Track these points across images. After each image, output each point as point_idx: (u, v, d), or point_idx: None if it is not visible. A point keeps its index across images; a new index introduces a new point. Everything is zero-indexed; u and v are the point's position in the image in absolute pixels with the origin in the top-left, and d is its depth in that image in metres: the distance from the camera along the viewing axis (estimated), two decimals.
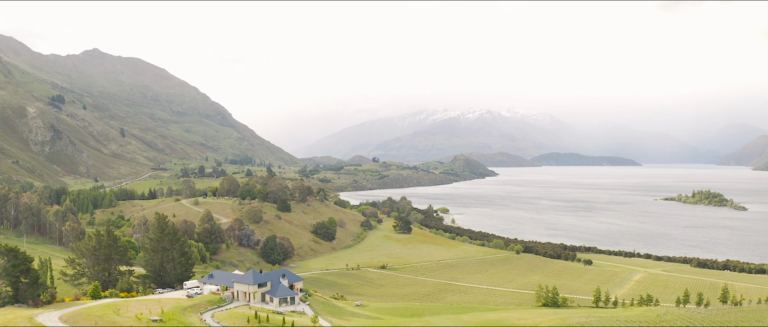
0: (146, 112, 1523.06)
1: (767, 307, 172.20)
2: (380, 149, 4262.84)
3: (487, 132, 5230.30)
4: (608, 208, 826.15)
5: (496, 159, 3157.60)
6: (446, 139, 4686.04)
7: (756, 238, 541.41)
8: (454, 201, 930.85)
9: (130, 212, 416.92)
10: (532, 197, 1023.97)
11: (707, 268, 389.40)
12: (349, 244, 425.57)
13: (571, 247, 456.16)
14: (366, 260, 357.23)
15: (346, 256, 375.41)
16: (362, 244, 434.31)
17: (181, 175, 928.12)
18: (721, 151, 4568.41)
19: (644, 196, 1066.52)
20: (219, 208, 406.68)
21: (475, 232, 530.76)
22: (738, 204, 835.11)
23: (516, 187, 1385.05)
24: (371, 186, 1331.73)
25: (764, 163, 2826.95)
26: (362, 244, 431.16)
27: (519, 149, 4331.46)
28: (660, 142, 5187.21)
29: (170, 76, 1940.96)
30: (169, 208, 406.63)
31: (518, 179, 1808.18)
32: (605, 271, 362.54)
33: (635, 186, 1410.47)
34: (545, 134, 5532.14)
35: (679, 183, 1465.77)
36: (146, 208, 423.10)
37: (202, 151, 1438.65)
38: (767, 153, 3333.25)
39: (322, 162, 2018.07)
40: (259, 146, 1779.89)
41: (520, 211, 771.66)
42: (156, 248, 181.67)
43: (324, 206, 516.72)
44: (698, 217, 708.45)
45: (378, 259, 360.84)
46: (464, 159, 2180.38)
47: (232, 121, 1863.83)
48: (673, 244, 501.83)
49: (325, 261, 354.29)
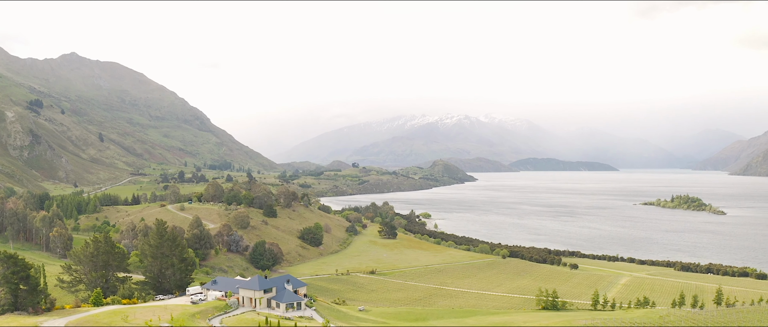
0: (124, 116, 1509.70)
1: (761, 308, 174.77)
2: (358, 154, 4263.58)
3: (465, 137, 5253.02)
4: (589, 213, 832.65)
5: (475, 164, 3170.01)
6: (424, 144, 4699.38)
7: (736, 241, 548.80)
8: (436, 206, 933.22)
9: (115, 218, 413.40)
10: (514, 202, 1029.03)
11: (691, 271, 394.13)
12: (335, 249, 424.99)
13: (556, 252, 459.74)
14: (354, 265, 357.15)
15: (335, 261, 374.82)
16: (349, 249, 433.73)
17: (160, 180, 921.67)
18: (698, 156, 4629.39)
19: (624, 200, 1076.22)
20: (205, 214, 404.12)
21: (460, 237, 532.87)
22: (717, 208, 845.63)
23: (496, 192, 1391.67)
24: (351, 191, 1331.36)
25: (740, 167, 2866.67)
26: (349, 250, 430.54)
27: (497, 154, 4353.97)
28: (637, 148, 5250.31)
29: (148, 81, 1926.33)
30: (155, 214, 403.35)
31: (498, 184, 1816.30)
32: (592, 275, 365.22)
33: (614, 191, 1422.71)
34: (523, 140, 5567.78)
35: (658, 188, 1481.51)
36: (131, 214, 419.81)
37: (180, 156, 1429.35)
38: (743, 158, 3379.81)
39: (300, 167, 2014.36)
40: (237, 151, 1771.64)
41: (502, 216, 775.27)
42: (155, 254, 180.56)
43: (309, 211, 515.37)
44: (678, 222, 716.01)
45: (366, 265, 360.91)
46: (443, 164, 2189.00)
47: (211, 126, 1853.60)
48: (655, 248, 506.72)
49: (314, 266, 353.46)
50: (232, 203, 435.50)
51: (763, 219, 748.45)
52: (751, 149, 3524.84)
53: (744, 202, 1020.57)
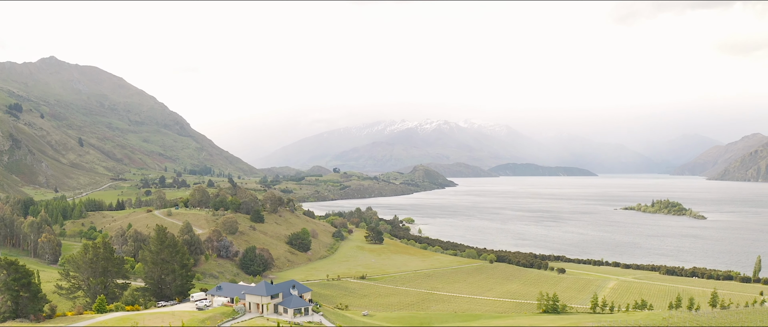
0: (104, 121, 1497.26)
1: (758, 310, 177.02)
2: (338, 159, 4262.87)
3: (445, 143, 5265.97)
4: (572, 217, 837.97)
5: (454, 169, 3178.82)
6: (404, 149, 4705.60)
7: (719, 246, 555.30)
8: (418, 211, 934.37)
9: (101, 223, 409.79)
10: (496, 207, 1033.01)
11: (675, 275, 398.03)
12: (323, 254, 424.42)
13: (541, 256, 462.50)
14: (344, 271, 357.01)
15: (324, 266, 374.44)
16: (336, 254, 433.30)
17: (141, 185, 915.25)
18: (675, 162, 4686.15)
19: (604, 205, 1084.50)
20: (193, 219, 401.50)
21: (445, 242, 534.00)
22: (697, 213, 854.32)
23: (478, 197, 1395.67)
24: (333, 196, 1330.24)
25: (718, 172, 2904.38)
26: (337, 255, 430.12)
27: (476, 160, 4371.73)
28: (615, 153, 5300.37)
29: (128, 85, 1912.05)
30: (142, 220, 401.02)
31: (478, 189, 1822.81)
32: (579, 279, 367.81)
33: (595, 196, 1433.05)
34: (502, 145, 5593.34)
35: (638, 192, 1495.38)
36: (117, 220, 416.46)
37: (160, 161, 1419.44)
38: (720, 163, 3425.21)
39: (281, 172, 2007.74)
40: (217, 156, 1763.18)
41: (485, 222, 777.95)
42: (156, 260, 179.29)
43: (295, 217, 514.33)
44: (660, 226, 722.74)
45: (356, 270, 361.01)
46: (424, 169, 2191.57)
47: (191, 131, 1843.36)
48: (639, 253, 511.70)
49: (304, 272, 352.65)
50: (219, 208, 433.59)
51: (743, 223, 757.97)
52: (728, 154, 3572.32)
53: (723, 207, 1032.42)
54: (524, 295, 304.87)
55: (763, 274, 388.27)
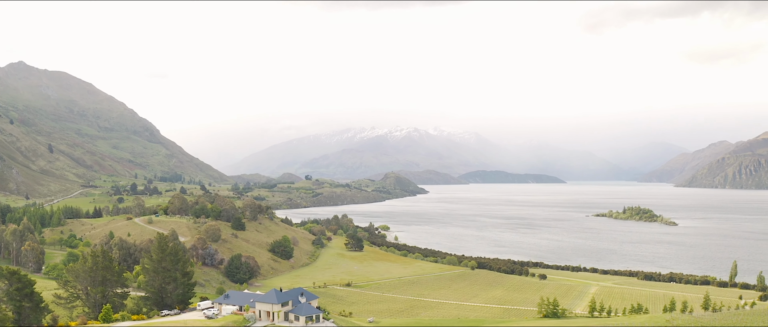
0: (73, 127, 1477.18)
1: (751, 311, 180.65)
2: (308, 167, 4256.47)
3: (415, 150, 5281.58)
4: (547, 224, 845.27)
5: (425, 176, 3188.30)
6: (374, 156, 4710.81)
7: (692, 252, 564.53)
8: (393, 219, 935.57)
9: (80, 231, 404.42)
10: (471, 215, 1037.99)
11: (654, 280, 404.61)
12: (306, 262, 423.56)
13: (521, 263, 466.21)
14: (328, 278, 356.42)
15: (308, 274, 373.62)
16: (318, 262, 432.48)
17: (112, 192, 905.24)
18: (643, 169, 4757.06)
19: (576, 212, 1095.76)
20: (175, 227, 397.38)
21: (423, 249, 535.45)
22: (668, 220, 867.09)
23: (451, 204, 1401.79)
24: (306, 204, 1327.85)
25: (686, 179, 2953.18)
26: (318, 263, 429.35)
27: (446, 167, 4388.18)
28: (583, 160, 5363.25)
29: (97, 91, 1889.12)
30: (122, 227, 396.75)
31: (450, 197, 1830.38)
32: (562, 285, 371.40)
33: (566, 203, 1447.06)
34: (471, 152, 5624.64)
35: (608, 199, 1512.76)
36: (97, 227, 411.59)
37: (130, 167, 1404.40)
38: (687, 170, 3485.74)
39: (251, 179, 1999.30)
40: (187, 163, 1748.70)
41: (461, 229, 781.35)
42: (157, 269, 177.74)
43: (274, 224, 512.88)
44: (633, 233, 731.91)
45: (340, 277, 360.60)
46: (395, 176, 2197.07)
47: (160, 138, 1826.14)
48: (615, 259, 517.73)
49: (288, 279, 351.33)
50: (200, 216, 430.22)
51: (714, 229, 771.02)
52: (696, 162, 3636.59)
53: (693, 214, 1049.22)
54: (510, 301, 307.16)
55: (739, 278, 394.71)
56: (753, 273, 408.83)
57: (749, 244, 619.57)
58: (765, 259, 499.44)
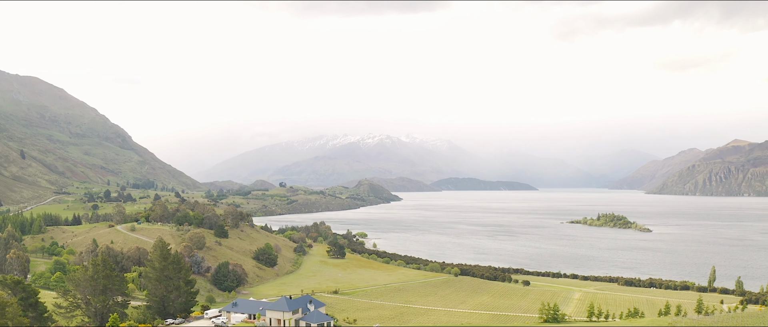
0: (45, 133, 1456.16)
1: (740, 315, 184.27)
2: (280, 174, 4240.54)
3: (387, 157, 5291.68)
4: (524, 231, 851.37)
5: (397, 184, 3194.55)
6: (347, 163, 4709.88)
7: (669, 257, 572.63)
8: (370, 226, 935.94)
9: (62, 239, 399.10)
10: (449, 222, 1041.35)
11: (634, 286, 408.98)
12: (289, 269, 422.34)
13: (502, 269, 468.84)
14: (314, 285, 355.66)
15: (293, 281, 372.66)
16: (302, 269, 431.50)
17: (86, 199, 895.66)
18: (613, 176, 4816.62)
19: (551, 219, 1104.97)
20: (158, 235, 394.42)
21: (404, 257, 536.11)
22: (642, 226, 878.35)
23: (427, 211, 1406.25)
24: (280, 211, 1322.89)
25: (656, 186, 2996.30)
26: (302, 270, 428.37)
27: (418, 174, 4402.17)
28: (555, 168, 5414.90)
29: (69, 97, 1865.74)
30: (105, 235, 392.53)
31: (425, 204, 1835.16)
32: (546, 291, 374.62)
33: (540, 210, 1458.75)
34: (444, 160, 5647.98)
35: (582, 206, 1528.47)
36: (78, 235, 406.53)
37: (103, 174, 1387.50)
38: (658, 177, 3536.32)
39: (224, 186, 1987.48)
40: (160, 170, 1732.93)
41: (440, 236, 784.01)
42: (160, 277, 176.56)
43: (255, 232, 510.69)
44: (610, 239, 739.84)
45: (326, 285, 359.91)
46: (369, 184, 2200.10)
47: (133, 144, 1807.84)
48: (594, 265, 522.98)
49: (275, 287, 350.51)
50: (183, 224, 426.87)
51: (688, 235, 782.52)
52: (666, 169, 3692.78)
53: (666, 220, 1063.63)
54: (498, 307, 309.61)
55: (717, 283, 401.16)
56: (730, 278, 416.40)
57: (724, 249, 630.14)
58: (741, 265, 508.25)
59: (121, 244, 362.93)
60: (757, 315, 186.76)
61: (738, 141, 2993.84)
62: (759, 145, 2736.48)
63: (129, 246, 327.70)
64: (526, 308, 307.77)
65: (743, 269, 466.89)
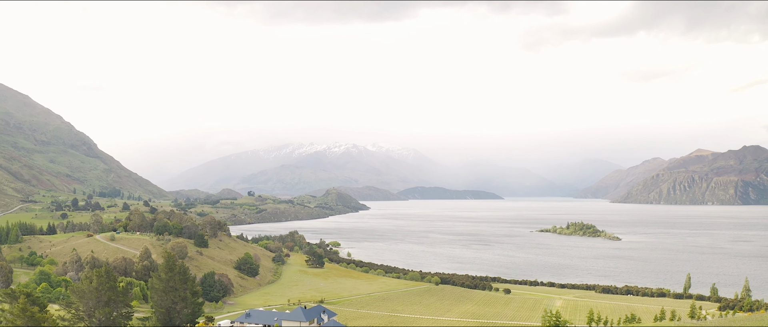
0: (9, 140, 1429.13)
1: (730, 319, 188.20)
2: (246, 182, 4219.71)
3: (353, 166, 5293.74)
4: (496, 240, 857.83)
5: (364, 192, 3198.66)
6: (313, 172, 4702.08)
7: (642, 265, 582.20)
8: (342, 235, 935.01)
9: (40, 249, 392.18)
10: (421, 231, 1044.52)
11: (612, 293, 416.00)
12: (271, 279, 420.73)
13: (480, 278, 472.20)
14: (298, 295, 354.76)
15: (277, 291, 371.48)
16: (283, 279, 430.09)
17: (53, 208, 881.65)
18: (578, 185, 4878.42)
19: (521, 228, 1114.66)
20: (139, 245, 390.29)
21: (379, 265, 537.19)
22: (612, 235, 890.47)
23: (397, 220, 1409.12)
24: (250, 220, 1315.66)
25: (621, 195, 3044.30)
26: (283, 280, 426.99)
27: (385, 183, 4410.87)
28: (520, 177, 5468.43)
29: (34, 103, 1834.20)
30: (85, 244, 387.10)
31: (394, 213, 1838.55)
32: (527, 299, 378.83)
33: (509, 219, 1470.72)
34: (410, 169, 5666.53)
35: (550, 215, 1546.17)
36: (57, 245, 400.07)
37: (69, 182, 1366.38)
38: (622, 186, 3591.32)
39: (190, 195, 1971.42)
40: (126, 178, 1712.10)
41: (414, 245, 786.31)
42: (166, 288, 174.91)
43: (233, 241, 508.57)
44: (581, 248, 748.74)
45: (311, 294, 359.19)
46: (337, 193, 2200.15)
47: (98, 152, 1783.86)
48: (569, 273, 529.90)
49: (259, 297, 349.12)
50: (163, 233, 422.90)
51: (657, 244, 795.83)
52: (630, 178, 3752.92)
53: (634, 229, 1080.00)
54: (483, 316, 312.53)
55: (692, 290, 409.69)
56: (703, 285, 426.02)
57: (695, 257, 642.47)
58: (713, 272, 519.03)
59: (101, 254, 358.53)
60: (750, 319, 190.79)
61: (701, 150, 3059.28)
62: (722, 155, 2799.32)
63: (114, 256, 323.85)
64: (511, 316, 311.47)
65: (716, 276, 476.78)
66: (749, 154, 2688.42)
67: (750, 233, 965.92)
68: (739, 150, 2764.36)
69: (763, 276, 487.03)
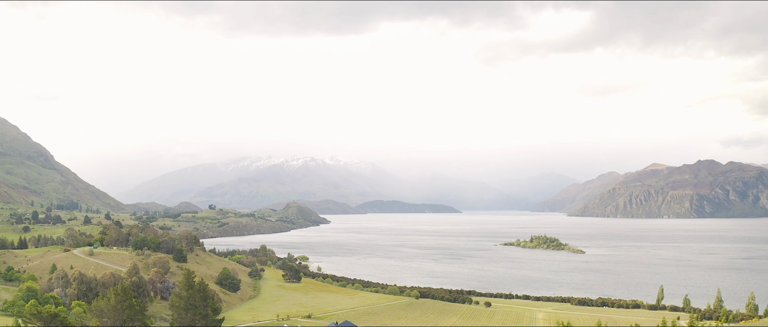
0: None
1: None
2: (203, 195, 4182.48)
3: (311, 180, 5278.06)
4: (466, 254, 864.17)
5: (323, 206, 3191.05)
6: (271, 186, 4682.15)
7: (610, 278, 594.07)
8: (309, 249, 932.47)
9: (16, 263, 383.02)
10: (390, 245, 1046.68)
11: (587, 305, 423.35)
12: (251, 294, 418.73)
13: (457, 292, 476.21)
14: (283, 310, 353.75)
15: (262, 306, 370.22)
16: (263, 294, 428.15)
17: (13, 220, 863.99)
18: (534, 199, 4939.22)
19: (485, 241, 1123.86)
20: (119, 260, 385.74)
21: (351, 279, 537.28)
22: (575, 248, 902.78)
23: (361, 234, 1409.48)
24: (212, 234, 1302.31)
25: (578, 209, 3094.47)
26: (264, 295, 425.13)
27: (343, 196, 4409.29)
28: (477, 190, 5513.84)
29: None
30: (63, 259, 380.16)
31: (356, 226, 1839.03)
32: (509, 312, 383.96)
33: (473, 232, 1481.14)
34: (368, 182, 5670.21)
35: (512, 229, 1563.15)
36: (33, 260, 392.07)
37: (26, 194, 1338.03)
38: (578, 200, 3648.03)
39: (148, 208, 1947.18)
40: (83, 191, 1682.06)
41: (384, 259, 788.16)
42: (187, 306, 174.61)
43: (209, 256, 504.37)
44: (548, 261, 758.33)
45: (296, 309, 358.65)
46: (297, 206, 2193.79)
47: (55, 164, 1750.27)
48: (540, 286, 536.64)
49: (243, 312, 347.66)
50: (142, 248, 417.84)
51: (622, 257, 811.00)
52: (586, 192, 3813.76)
53: (597, 242, 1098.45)
54: None
55: (665, 302, 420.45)
56: (675, 296, 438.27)
57: (663, 269, 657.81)
58: (682, 283, 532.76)
59: (82, 269, 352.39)
60: None
61: (656, 165, 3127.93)
62: (677, 169, 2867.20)
63: (100, 272, 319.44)
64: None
65: (686, 288, 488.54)
66: (704, 168, 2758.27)
67: (713, 246, 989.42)
68: (694, 164, 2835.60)
69: (731, 287, 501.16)
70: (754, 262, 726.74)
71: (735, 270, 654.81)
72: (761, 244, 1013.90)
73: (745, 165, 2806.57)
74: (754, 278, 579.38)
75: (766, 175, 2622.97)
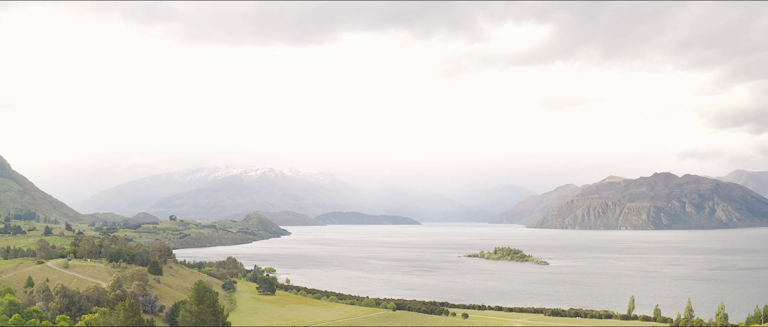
0: None
1: None
2: (161, 206, 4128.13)
3: (270, 191, 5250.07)
4: (435, 265, 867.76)
5: (282, 217, 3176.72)
6: (229, 197, 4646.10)
7: (580, 289, 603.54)
8: (275, 261, 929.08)
9: None
10: (357, 257, 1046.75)
11: (560, 316, 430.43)
12: (229, 307, 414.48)
13: (432, 303, 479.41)
14: (265, 323, 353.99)
15: (242, 319, 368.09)
16: (240, 307, 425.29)
17: None
18: (493, 210, 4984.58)
19: (449, 253, 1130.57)
20: (95, 272, 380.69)
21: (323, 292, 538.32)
22: (539, 259, 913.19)
23: (325, 245, 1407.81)
24: (174, 245, 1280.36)
25: (536, 221, 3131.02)
26: (241, 308, 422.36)
27: (302, 208, 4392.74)
28: (436, 202, 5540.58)
29: None
30: (37, 272, 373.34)
31: (318, 238, 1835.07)
32: (488, 322, 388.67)
33: (436, 244, 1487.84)
34: (327, 193, 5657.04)
35: (475, 240, 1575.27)
36: (6, 272, 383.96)
37: None
38: (536, 212, 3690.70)
39: (106, 218, 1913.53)
40: (41, 200, 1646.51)
41: (353, 271, 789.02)
42: (198, 321, 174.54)
43: (182, 268, 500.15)
44: (515, 272, 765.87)
45: (277, 322, 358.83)
46: (257, 217, 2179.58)
47: (12, 172, 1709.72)
48: (511, 297, 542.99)
49: None
50: (117, 260, 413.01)
51: (584, 267, 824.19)
52: (544, 204, 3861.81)
53: (559, 253, 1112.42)
54: None
55: (637, 311, 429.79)
56: (645, 306, 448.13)
57: (630, 280, 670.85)
58: (650, 294, 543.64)
59: (59, 282, 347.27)
60: None
61: (613, 177, 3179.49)
62: (634, 182, 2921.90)
63: (81, 285, 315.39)
64: None
65: (655, 298, 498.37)
66: (660, 180, 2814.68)
67: (677, 257, 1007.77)
68: (651, 176, 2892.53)
69: (699, 297, 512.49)
70: (720, 273, 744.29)
71: (701, 280, 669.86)
72: (723, 254, 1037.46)
73: (700, 177, 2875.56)
74: (721, 288, 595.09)
75: (722, 187, 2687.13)
